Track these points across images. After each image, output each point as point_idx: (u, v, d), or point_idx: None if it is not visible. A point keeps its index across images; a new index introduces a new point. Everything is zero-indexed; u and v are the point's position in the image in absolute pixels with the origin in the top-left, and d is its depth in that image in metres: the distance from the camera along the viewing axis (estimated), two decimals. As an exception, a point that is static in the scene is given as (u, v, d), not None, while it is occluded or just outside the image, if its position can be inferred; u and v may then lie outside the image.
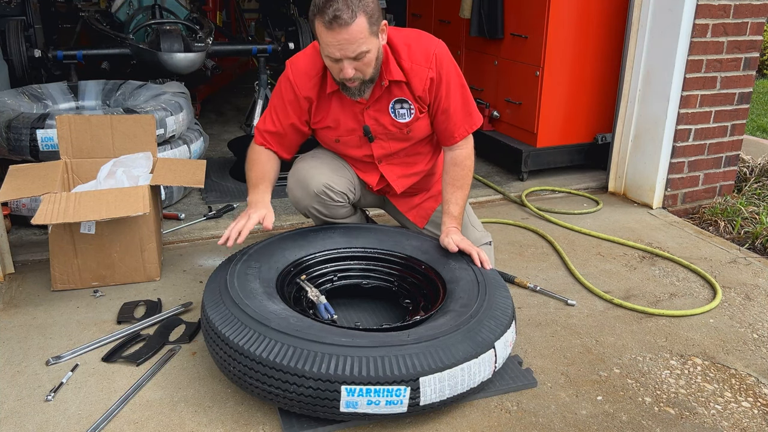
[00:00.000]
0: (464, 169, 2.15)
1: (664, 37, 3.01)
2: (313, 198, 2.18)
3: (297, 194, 2.21)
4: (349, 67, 1.88)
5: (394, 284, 2.12)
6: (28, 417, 1.66)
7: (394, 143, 2.18)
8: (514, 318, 1.81)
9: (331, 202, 2.20)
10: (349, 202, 2.27)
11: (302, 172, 2.20)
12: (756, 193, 3.40)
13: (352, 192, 2.27)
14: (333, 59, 1.88)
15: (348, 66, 1.88)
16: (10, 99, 3.04)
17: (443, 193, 2.17)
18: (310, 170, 2.19)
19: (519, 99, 3.53)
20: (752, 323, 2.20)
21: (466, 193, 2.17)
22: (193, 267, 2.50)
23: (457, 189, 2.14)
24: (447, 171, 2.16)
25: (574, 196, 3.36)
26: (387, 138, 2.16)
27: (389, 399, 1.51)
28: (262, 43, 4.46)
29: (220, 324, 1.63)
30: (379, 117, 2.11)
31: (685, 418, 1.72)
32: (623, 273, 2.54)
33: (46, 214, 2.10)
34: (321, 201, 2.19)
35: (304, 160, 2.24)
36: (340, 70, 1.90)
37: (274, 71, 5.59)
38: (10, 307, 2.19)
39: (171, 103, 3.03)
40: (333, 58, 1.88)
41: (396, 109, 2.10)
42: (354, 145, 2.19)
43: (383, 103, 2.09)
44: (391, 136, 2.16)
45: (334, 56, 1.87)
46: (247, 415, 1.68)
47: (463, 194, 2.15)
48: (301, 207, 2.24)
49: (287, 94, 2.10)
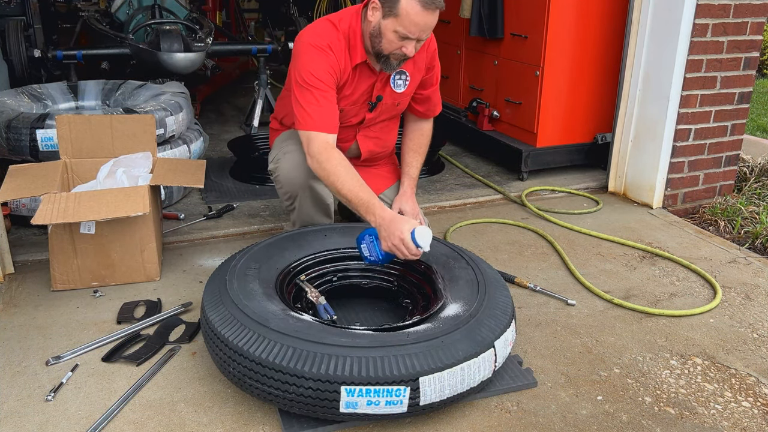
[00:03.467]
0: (428, 138, 2.46)
1: (664, 36, 3.01)
2: (311, 175, 2.16)
3: (293, 175, 2.22)
4: (413, 47, 2.01)
5: (393, 284, 2.12)
6: (28, 417, 1.66)
7: (383, 113, 2.31)
8: (514, 317, 1.81)
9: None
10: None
11: (296, 159, 2.20)
12: (756, 192, 3.39)
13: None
14: (405, 37, 1.98)
15: (412, 46, 2.01)
16: (10, 99, 3.04)
17: (405, 156, 2.41)
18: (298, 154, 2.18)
19: (519, 99, 3.53)
20: (752, 323, 2.20)
21: (423, 160, 2.44)
22: (193, 267, 2.50)
23: (419, 155, 2.42)
24: (413, 139, 2.42)
25: (574, 196, 3.36)
26: (380, 109, 2.28)
27: (389, 399, 1.51)
28: (262, 43, 4.46)
29: (219, 325, 1.63)
30: (383, 88, 2.23)
31: (685, 417, 1.72)
32: (623, 273, 2.54)
33: (46, 214, 2.10)
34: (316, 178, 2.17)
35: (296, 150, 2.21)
36: (401, 47, 2.01)
37: (274, 71, 5.60)
38: (10, 307, 2.19)
39: (171, 103, 3.03)
40: (407, 37, 1.98)
41: (395, 79, 2.23)
42: (352, 114, 2.25)
43: (387, 74, 2.20)
44: (384, 107, 2.28)
45: (412, 35, 1.97)
46: (247, 415, 1.68)
47: (422, 160, 2.43)
48: (297, 186, 2.22)
49: (325, 72, 2.06)
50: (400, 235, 1.87)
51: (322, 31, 2.10)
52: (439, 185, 3.44)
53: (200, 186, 2.44)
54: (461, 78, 4.07)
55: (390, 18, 1.97)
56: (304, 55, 2.07)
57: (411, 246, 1.86)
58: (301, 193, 2.25)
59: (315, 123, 2.05)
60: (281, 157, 2.27)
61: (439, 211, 3.15)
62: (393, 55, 2.05)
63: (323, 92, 2.06)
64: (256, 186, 3.36)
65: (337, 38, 2.09)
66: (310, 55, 2.06)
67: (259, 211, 3.05)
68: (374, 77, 2.18)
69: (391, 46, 2.02)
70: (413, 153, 2.40)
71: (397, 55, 2.05)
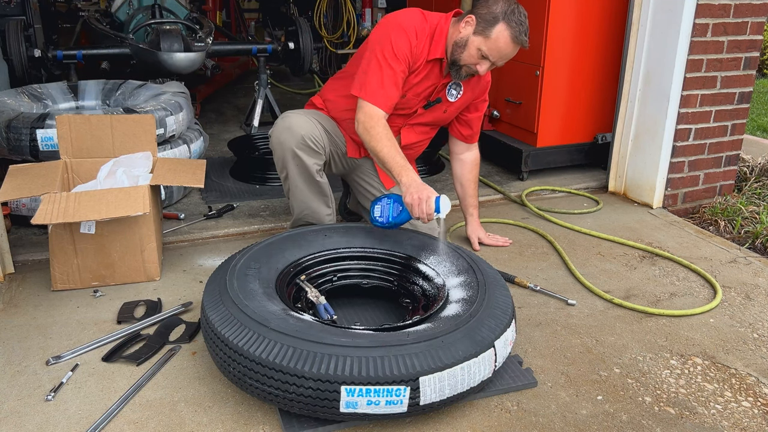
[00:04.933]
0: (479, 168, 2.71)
1: (665, 36, 3.01)
2: (298, 140, 2.27)
3: (283, 137, 2.29)
4: (486, 66, 2.21)
5: (393, 284, 2.13)
6: (29, 417, 1.66)
7: (430, 115, 2.44)
8: (514, 317, 1.81)
9: (314, 147, 2.30)
10: (324, 154, 2.38)
11: (290, 121, 2.30)
12: (756, 192, 3.39)
13: (324, 150, 2.38)
14: (485, 58, 2.18)
15: (486, 66, 2.21)
16: (10, 99, 3.04)
17: (467, 188, 2.66)
18: (298, 119, 2.31)
19: (519, 99, 3.53)
20: (752, 323, 2.20)
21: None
22: (193, 267, 2.50)
23: (476, 186, 2.70)
24: (471, 170, 2.65)
25: (575, 196, 3.36)
26: (432, 110, 2.42)
27: (389, 399, 1.51)
28: (262, 43, 4.46)
29: (219, 325, 1.63)
30: (440, 91, 2.39)
31: (685, 417, 1.72)
32: (623, 273, 2.54)
33: (46, 213, 2.10)
34: (305, 145, 2.28)
35: (294, 114, 2.35)
36: (477, 64, 2.21)
37: (274, 71, 5.60)
38: (10, 307, 2.19)
39: (171, 103, 3.03)
40: (487, 58, 2.18)
41: (450, 88, 2.39)
42: (410, 105, 2.37)
43: (448, 81, 2.37)
44: (434, 110, 2.42)
45: (492, 58, 2.18)
46: (247, 414, 1.68)
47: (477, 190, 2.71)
48: (286, 147, 2.29)
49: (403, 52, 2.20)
50: (427, 194, 2.01)
51: (413, 17, 2.24)
52: (439, 185, 3.44)
53: (200, 186, 2.44)
54: (461, 78, 4.07)
55: (480, 36, 2.16)
56: (391, 31, 2.20)
57: (430, 207, 1.99)
58: (291, 159, 2.30)
59: (374, 95, 2.19)
60: (279, 122, 2.34)
61: (439, 210, 3.14)
62: (466, 67, 2.24)
63: (393, 71, 2.20)
64: (257, 186, 3.36)
65: (423, 27, 2.24)
66: (397, 33, 2.20)
67: (259, 210, 3.05)
68: (440, 79, 2.33)
69: (470, 60, 2.20)
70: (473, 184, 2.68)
71: (470, 69, 2.24)
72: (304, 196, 2.38)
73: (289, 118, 2.32)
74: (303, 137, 2.27)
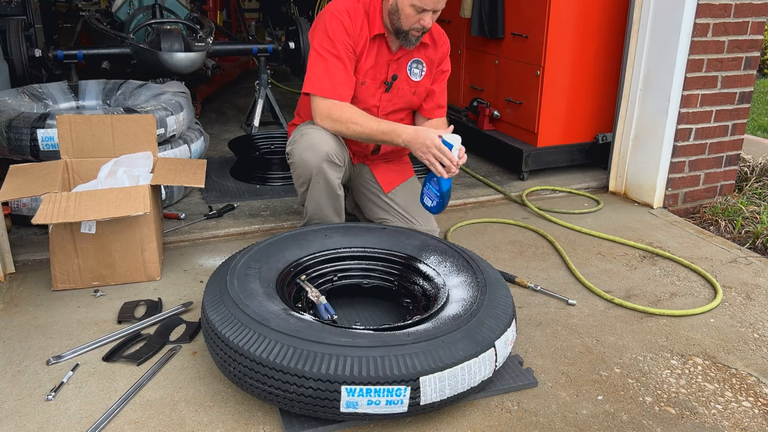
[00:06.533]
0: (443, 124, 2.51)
1: (665, 36, 3.01)
2: (323, 158, 2.22)
3: (307, 155, 2.23)
4: (430, 18, 2.12)
5: (394, 284, 2.13)
6: (29, 416, 1.66)
7: (400, 99, 2.39)
8: (515, 317, 1.81)
9: (337, 162, 2.26)
10: (344, 166, 2.35)
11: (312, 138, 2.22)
12: (757, 192, 3.39)
13: (344, 162, 2.35)
14: (422, 9, 2.10)
15: (429, 17, 2.12)
16: (11, 98, 3.04)
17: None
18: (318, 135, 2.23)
19: (519, 99, 3.53)
20: (753, 323, 2.20)
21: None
22: (194, 266, 2.50)
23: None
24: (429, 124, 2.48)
25: (575, 196, 3.36)
26: (397, 92, 2.37)
27: (389, 399, 1.51)
28: (263, 43, 4.46)
29: (220, 324, 1.63)
30: (399, 71, 2.33)
31: (685, 417, 1.72)
32: (624, 272, 2.54)
33: (47, 213, 2.10)
34: (330, 161, 2.25)
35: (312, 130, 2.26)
36: (419, 20, 2.13)
37: (274, 71, 5.60)
38: (10, 307, 2.19)
39: (171, 103, 3.03)
40: (424, 9, 2.09)
41: (411, 67, 2.34)
42: (370, 93, 2.34)
43: (404, 61, 2.33)
44: (401, 92, 2.37)
45: (426, 7, 2.08)
46: (247, 414, 1.68)
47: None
48: (312, 165, 2.23)
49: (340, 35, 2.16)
50: (433, 140, 2.00)
51: (342, 1, 2.21)
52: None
53: (201, 186, 2.44)
54: (462, 78, 4.07)
55: None
56: (322, 22, 2.18)
57: (446, 150, 1.99)
58: (314, 176, 2.26)
59: (323, 86, 2.16)
60: (298, 139, 2.29)
61: (439, 210, 3.15)
62: (413, 30, 2.18)
63: (336, 58, 2.16)
64: (257, 186, 3.36)
65: (356, 8, 2.21)
66: (329, 20, 2.18)
67: (259, 210, 3.05)
68: (390, 56, 2.30)
69: (410, 21, 2.14)
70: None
71: (416, 29, 2.17)
72: (319, 208, 2.35)
73: (309, 135, 2.24)
74: (328, 153, 2.21)
